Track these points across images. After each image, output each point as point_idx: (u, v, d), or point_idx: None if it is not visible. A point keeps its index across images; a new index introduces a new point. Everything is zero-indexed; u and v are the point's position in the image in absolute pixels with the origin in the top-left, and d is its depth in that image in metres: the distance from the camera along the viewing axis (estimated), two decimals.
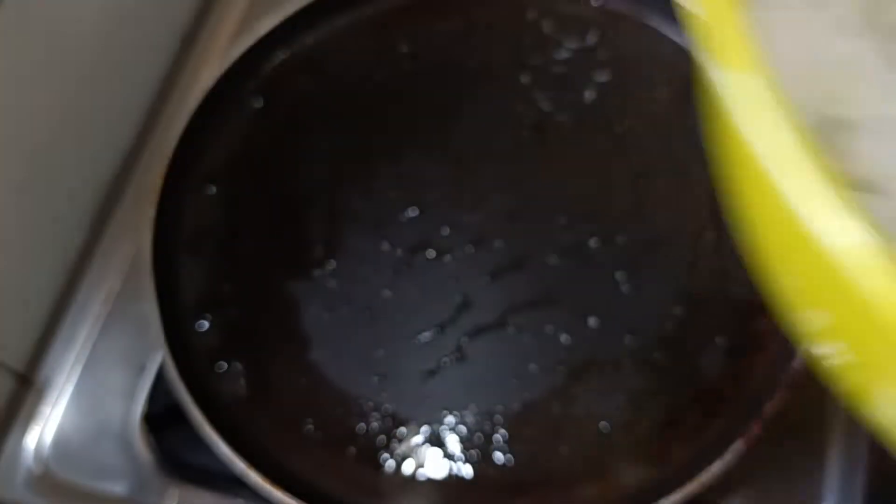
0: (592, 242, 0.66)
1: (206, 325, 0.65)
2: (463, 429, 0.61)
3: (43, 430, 0.66)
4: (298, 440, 0.61)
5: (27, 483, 0.65)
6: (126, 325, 0.69)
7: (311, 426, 0.61)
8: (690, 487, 0.55)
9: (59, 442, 0.66)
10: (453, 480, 0.60)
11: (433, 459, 0.60)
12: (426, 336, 0.64)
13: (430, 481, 0.60)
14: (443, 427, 0.61)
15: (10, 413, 0.67)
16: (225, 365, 0.63)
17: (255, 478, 0.56)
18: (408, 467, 0.60)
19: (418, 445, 0.61)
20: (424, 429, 0.61)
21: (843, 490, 0.60)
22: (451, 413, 0.61)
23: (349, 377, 0.63)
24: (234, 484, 0.62)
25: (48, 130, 0.69)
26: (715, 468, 0.56)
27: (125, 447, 0.65)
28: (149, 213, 0.65)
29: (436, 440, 0.61)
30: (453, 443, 0.61)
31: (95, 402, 0.67)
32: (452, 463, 0.60)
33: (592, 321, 0.63)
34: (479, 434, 0.61)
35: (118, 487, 0.64)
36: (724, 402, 0.61)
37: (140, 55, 0.78)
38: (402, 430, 0.61)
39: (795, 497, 0.60)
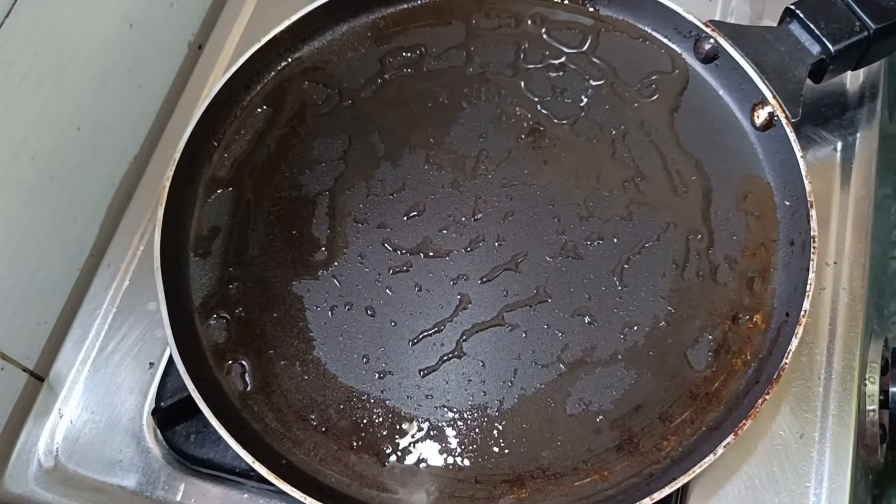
0: (587, 242, 0.67)
1: (212, 323, 0.66)
2: (462, 424, 0.62)
3: (55, 426, 0.68)
4: (302, 434, 0.63)
5: (38, 477, 0.66)
6: (135, 323, 0.71)
7: (314, 421, 0.63)
8: (682, 480, 0.57)
9: (70, 437, 0.67)
10: (453, 473, 0.61)
11: (433, 453, 0.62)
12: (426, 334, 0.65)
13: (431, 474, 0.61)
14: (442, 422, 0.62)
15: (23, 409, 0.69)
16: (231, 362, 0.65)
17: (261, 470, 0.58)
18: (409, 461, 0.62)
19: (419, 440, 0.62)
20: (425, 424, 0.62)
21: (830, 486, 0.61)
22: (450, 408, 0.63)
23: (351, 374, 0.64)
24: (241, 477, 0.64)
25: (60, 135, 0.70)
26: (707, 461, 0.57)
27: (134, 442, 0.67)
28: (157, 214, 0.66)
29: (436, 435, 0.62)
30: (453, 437, 0.62)
31: (105, 398, 0.68)
32: (452, 457, 0.62)
33: (587, 319, 0.65)
34: (477, 429, 0.62)
35: (127, 481, 0.65)
36: (715, 397, 0.62)
37: (149, 62, 0.80)
38: (404, 424, 0.62)
39: (784, 491, 0.61)
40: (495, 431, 0.62)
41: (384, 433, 0.62)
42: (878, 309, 0.71)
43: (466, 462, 0.61)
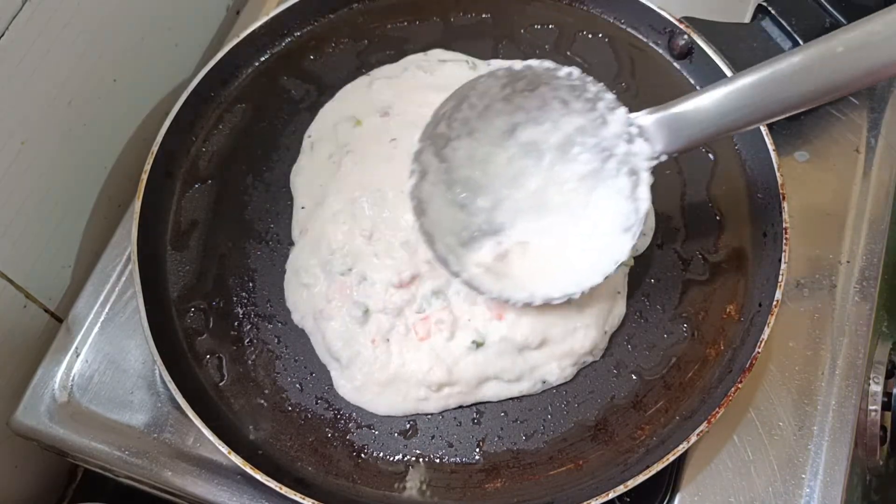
0: None
1: (190, 315, 0.66)
2: (437, 414, 0.62)
3: (71, 364, 0.68)
4: (278, 425, 0.63)
5: (51, 411, 0.66)
6: None
7: (290, 412, 0.63)
8: (657, 468, 0.57)
9: (84, 375, 0.67)
10: (429, 464, 0.61)
11: (408, 443, 0.62)
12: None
13: (406, 464, 0.61)
14: (418, 411, 0.62)
15: (41, 347, 0.69)
16: (208, 353, 0.65)
17: (237, 460, 0.58)
18: (384, 451, 0.62)
19: (395, 430, 0.62)
20: (401, 414, 0.62)
21: (824, 479, 0.62)
22: (426, 398, 0.63)
23: (329, 365, 0.64)
24: None
25: (97, 84, 0.71)
26: (681, 449, 0.58)
27: (145, 385, 0.67)
28: (134, 207, 0.66)
29: (411, 424, 0.62)
30: (428, 426, 0.62)
31: (121, 341, 0.68)
32: (427, 446, 0.62)
33: None
34: (453, 418, 0.62)
35: (136, 421, 0.66)
36: (689, 387, 0.63)
37: (188, 23, 0.80)
38: (378, 414, 0.63)
39: (779, 480, 0.62)
40: (471, 421, 0.62)
41: (360, 424, 0.62)
42: (891, 312, 0.71)
43: (441, 451, 0.62)
